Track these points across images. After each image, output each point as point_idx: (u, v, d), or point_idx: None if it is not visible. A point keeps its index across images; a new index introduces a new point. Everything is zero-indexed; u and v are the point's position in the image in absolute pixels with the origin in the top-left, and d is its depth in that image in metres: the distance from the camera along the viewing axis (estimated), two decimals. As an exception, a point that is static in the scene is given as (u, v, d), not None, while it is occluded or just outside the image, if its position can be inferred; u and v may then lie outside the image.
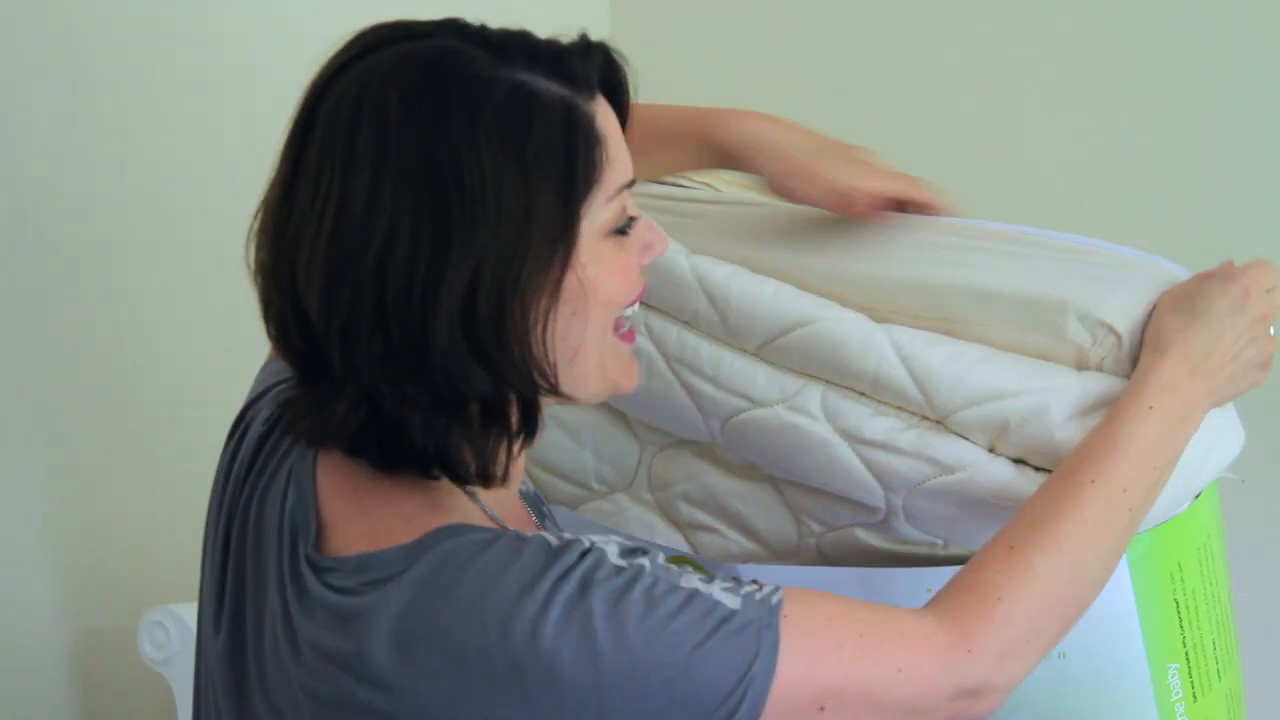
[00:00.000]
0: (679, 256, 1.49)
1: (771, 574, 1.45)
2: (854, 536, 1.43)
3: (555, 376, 1.18)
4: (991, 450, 1.37)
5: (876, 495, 1.40)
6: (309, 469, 1.25)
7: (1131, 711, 1.44)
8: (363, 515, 1.21)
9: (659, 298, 1.49)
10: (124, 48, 2.00)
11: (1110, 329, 1.36)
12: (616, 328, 1.25)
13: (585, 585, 1.12)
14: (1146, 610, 1.41)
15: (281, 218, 1.18)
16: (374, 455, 1.19)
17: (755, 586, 1.17)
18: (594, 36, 1.23)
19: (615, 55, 1.24)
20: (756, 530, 1.51)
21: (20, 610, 1.95)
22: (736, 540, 1.52)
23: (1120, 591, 1.39)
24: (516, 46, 1.19)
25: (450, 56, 1.17)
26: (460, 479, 1.19)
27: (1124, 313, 1.37)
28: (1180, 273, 1.42)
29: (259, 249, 1.20)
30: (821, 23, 2.39)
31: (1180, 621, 1.44)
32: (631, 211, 1.23)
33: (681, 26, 2.50)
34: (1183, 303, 1.35)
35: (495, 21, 1.22)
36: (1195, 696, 1.46)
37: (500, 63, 1.17)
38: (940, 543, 1.41)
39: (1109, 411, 1.31)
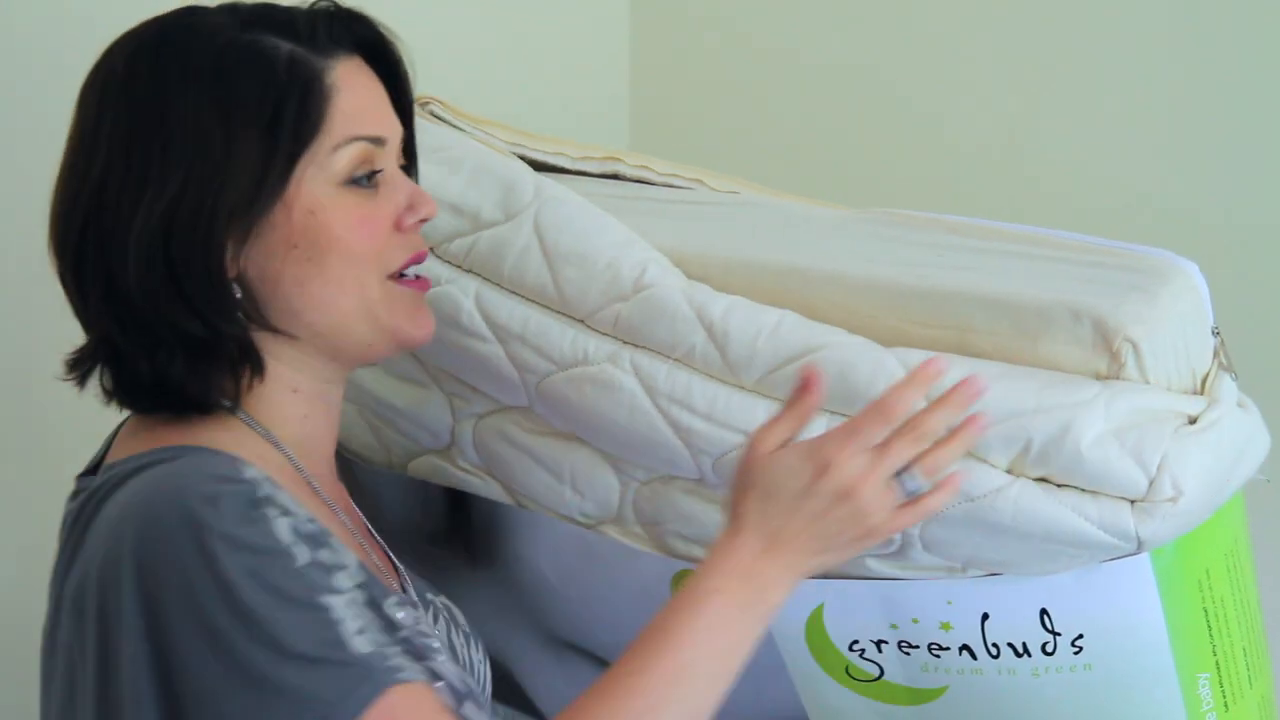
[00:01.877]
0: (673, 291, 1.43)
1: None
2: (865, 567, 1.37)
3: (262, 314, 1.24)
4: (1010, 472, 1.31)
5: None
6: None
7: (1161, 722, 1.42)
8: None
9: (648, 335, 1.43)
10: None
11: (1126, 336, 1.31)
12: (394, 277, 1.30)
13: (234, 533, 1.14)
14: (1174, 620, 1.37)
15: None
16: (136, 402, 1.28)
17: (398, 650, 1.16)
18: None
19: (370, 20, 1.31)
20: None
21: (23, 608, 1.94)
22: None
23: (1147, 602, 1.35)
24: (255, 12, 1.27)
25: (183, 16, 1.27)
26: (195, 409, 1.25)
27: (1139, 319, 1.32)
28: (1192, 270, 1.38)
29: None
30: (849, 15, 2.35)
31: (1210, 630, 1.40)
32: (377, 166, 1.27)
33: (702, 15, 2.47)
34: (759, 477, 1.24)
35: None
36: (1227, 706, 1.43)
37: (230, 24, 1.26)
38: (960, 567, 1.35)
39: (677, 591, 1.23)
